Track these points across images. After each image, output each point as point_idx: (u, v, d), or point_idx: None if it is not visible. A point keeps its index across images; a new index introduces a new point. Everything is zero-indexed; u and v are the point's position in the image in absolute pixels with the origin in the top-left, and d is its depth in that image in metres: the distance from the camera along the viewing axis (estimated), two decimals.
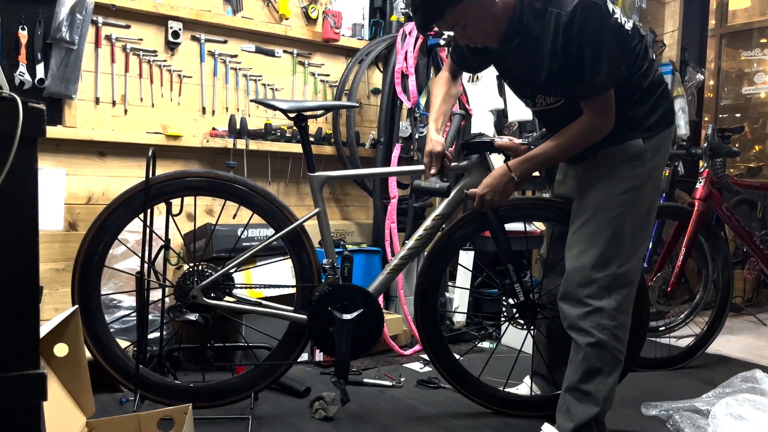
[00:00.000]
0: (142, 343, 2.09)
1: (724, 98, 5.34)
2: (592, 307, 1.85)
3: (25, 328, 0.91)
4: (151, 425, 1.64)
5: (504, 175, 1.87)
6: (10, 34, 2.45)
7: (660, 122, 1.87)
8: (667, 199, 3.40)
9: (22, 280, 0.90)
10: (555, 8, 1.68)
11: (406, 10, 3.30)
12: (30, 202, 0.90)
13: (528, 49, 1.76)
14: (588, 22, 1.67)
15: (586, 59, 1.69)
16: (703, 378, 2.76)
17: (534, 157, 1.86)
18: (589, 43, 1.68)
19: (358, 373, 2.60)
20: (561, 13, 1.67)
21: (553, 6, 1.69)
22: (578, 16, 1.66)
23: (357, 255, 2.95)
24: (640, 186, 1.85)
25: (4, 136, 0.86)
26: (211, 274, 2.07)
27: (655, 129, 1.86)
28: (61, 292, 2.58)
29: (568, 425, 1.90)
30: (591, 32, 1.68)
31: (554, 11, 1.68)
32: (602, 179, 1.86)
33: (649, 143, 1.85)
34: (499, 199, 1.91)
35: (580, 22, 1.66)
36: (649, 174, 1.86)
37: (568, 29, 1.67)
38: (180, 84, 2.88)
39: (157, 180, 2.05)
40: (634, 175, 1.84)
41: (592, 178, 1.88)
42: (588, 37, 1.68)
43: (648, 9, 4.31)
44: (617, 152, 1.84)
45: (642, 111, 1.85)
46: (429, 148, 1.95)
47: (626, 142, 1.83)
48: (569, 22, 1.66)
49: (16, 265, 0.89)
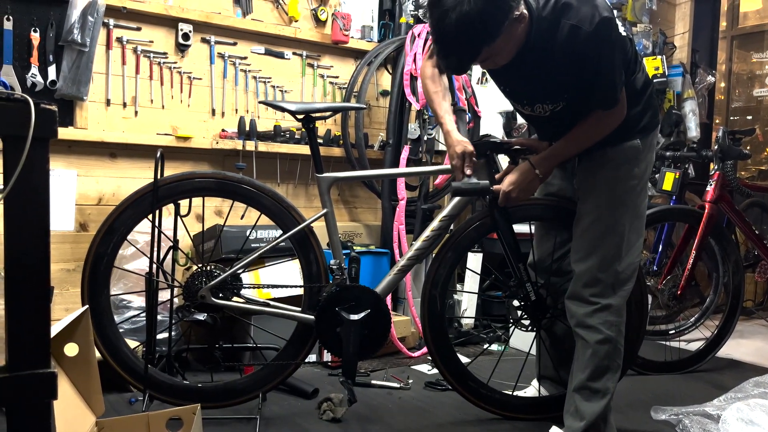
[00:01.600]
0: (151, 343, 2.10)
1: (735, 100, 5.31)
2: (600, 304, 1.89)
3: (36, 327, 0.92)
4: (160, 425, 1.64)
5: (529, 172, 1.90)
6: (23, 36, 2.47)
7: (651, 122, 1.94)
8: (678, 201, 3.37)
9: (33, 280, 0.91)
10: (570, 20, 1.66)
11: (415, 12, 3.31)
12: (42, 202, 0.91)
13: (536, 60, 1.75)
14: (608, 38, 1.68)
15: (606, 72, 1.72)
16: (714, 382, 2.74)
17: (555, 153, 1.89)
18: (608, 57, 1.70)
19: (365, 375, 2.60)
20: (580, 28, 1.65)
21: (566, 17, 1.67)
22: (601, 33, 1.65)
23: (365, 256, 2.95)
24: (637, 185, 1.91)
25: (16, 137, 0.87)
26: (219, 275, 2.07)
27: (648, 129, 1.92)
28: (72, 293, 2.60)
29: (578, 425, 1.91)
30: (609, 47, 1.69)
31: (569, 23, 1.66)
32: (605, 181, 1.90)
33: (644, 143, 1.91)
34: (524, 196, 1.94)
35: (602, 38, 1.66)
36: (643, 172, 1.93)
37: (587, 44, 1.67)
38: (190, 86, 2.90)
39: (166, 181, 2.06)
40: (632, 175, 1.90)
41: (595, 180, 1.91)
42: (607, 52, 1.70)
43: (658, 10, 4.30)
44: (618, 153, 1.88)
45: (636, 112, 1.89)
46: (460, 149, 1.93)
47: (624, 144, 1.88)
48: (590, 38, 1.65)
49: (27, 265, 0.90)
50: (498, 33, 1.62)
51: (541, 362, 2.28)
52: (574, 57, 1.70)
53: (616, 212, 1.89)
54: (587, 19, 1.65)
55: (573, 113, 1.84)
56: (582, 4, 1.67)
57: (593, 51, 1.68)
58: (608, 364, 1.91)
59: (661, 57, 3.93)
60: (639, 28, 4.02)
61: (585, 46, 1.67)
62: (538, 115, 1.91)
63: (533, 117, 1.96)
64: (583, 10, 1.66)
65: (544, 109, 1.87)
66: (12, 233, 0.89)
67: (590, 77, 1.73)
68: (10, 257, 0.89)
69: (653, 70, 3.88)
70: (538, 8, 1.70)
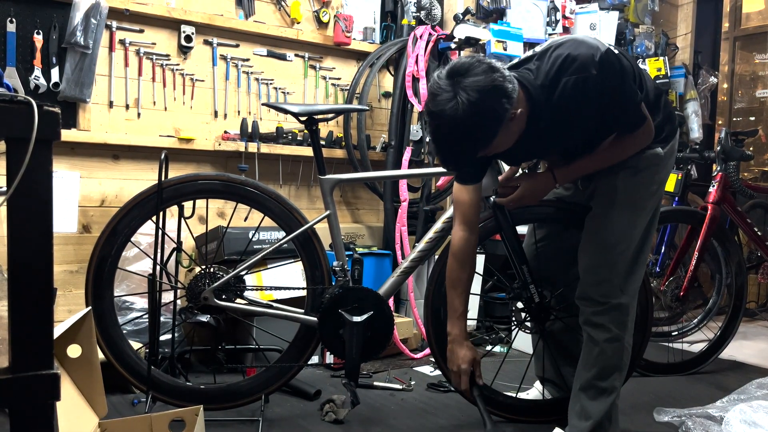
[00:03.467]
0: (154, 344, 2.10)
1: (738, 101, 5.30)
2: (609, 304, 1.89)
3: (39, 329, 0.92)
4: (163, 426, 1.65)
5: (549, 183, 1.90)
6: (26, 39, 2.48)
7: (672, 129, 1.92)
8: (680, 202, 3.37)
9: (36, 281, 0.91)
10: (573, 75, 1.62)
11: (417, 14, 3.31)
12: (45, 204, 0.91)
13: (544, 127, 1.72)
14: (615, 70, 1.64)
15: (623, 100, 1.69)
16: (716, 383, 2.74)
17: (579, 169, 1.87)
18: (620, 88, 1.67)
19: (368, 376, 2.61)
20: (587, 77, 1.61)
21: (567, 74, 1.63)
22: (607, 70, 1.62)
23: (367, 258, 2.96)
24: (657, 190, 1.92)
25: (19, 140, 0.87)
26: (222, 276, 2.08)
27: (670, 137, 1.91)
28: (75, 294, 2.60)
29: (583, 425, 1.90)
30: (619, 78, 1.65)
31: (573, 78, 1.62)
32: (624, 185, 1.87)
33: (666, 150, 1.90)
34: (534, 203, 1.97)
35: (610, 74, 1.63)
36: (663, 178, 1.93)
37: (597, 87, 1.63)
38: (192, 88, 2.90)
39: (170, 183, 2.07)
40: (653, 180, 1.89)
41: (615, 183, 1.88)
42: (618, 83, 1.65)
43: (661, 12, 4.29)
44: (639, 161, 1.86)
45: (658, 122, 1.86)
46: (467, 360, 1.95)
47: (647, 152, 1.86)
48: (599, 81, 1.62)
49: (30, 267, 0.90)
50: (493, 137, 1.61)
51: (544, 365, 2.28)
52: (586, 105, 1.66)
53: (633, 215, 1.88)
54: (590, 63, 1.61)
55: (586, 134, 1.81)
56: (577, 49, 1.63)
57: (609, 86, 1.64)
58: (616, 363, 1.91)
59: (663, 58, 3.93)
60: (641, 30, 4.02)
61: (596, 90, 1.64)
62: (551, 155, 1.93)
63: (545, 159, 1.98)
64: (582, 55, 1.62)
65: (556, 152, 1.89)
66: (15, 235, 0.89)
67: (607, 111, 1.70)
68: (13, 259, 0.89)
69: (655, 71, 3.88)
70: (534, 83, 1.66)
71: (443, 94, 1.56)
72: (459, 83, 1.55)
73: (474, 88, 1.53)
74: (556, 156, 1.94)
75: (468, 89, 1.53)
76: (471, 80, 1.54)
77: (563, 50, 1.65)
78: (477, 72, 1.55)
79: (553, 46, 1.69)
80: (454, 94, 1.54)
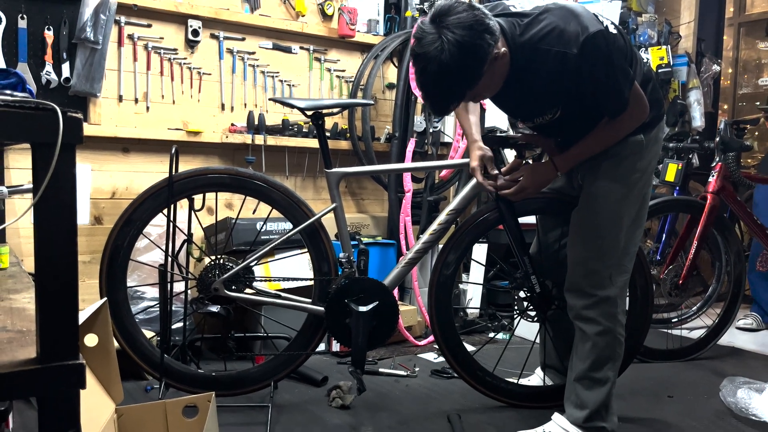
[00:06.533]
0: (166, 333, 2.16)
1: (744, 86, 5.28)
2: (597, 297, 1.92)
3: (65, 321, 0.97)
4: (177, 412, 1.70)
5: (551, 172, 1.93)
6: (37, 35, 2.53)
7: (657, 115, 1.93)
8: (681, 192, 3.40)
9: (62, 277, 0.96)
10: (554, 47, 1.66)
11: (421, 5, 3.33)
12: (69, 204, 0.95)
13: (524, 84, 1.78)
14: (599, 52, 1.66)
15: (606, 82, 1.71)
16: (715, 369, 2.79)
17: (577, 154, 1.90)
18: (603, 70, 1.69)
19: (373, 363, 2.66)
20: (566, 53, 1.65)
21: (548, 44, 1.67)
22: (590, 51, 1.65)
23: (372, 247, 3.00)
24: (639, 178, 1.92)
25: (45, 145, 0.92)
26: (232, 267, 2.13)
27: (652, 123, 1.92)
28: (87, 284, 2.66)
29: (579, 414, 1.95)
30: (603, 60, 1.68)
31: (554, 50, 1.66)
32: (607, 174, 1.90)
33: (648, 137, 1.91)
34: (536, 193, 2.01)
35: (593, 55, 1.65)
36: (647, 165, 1.93)
37: (578, 66, 1.66)
38: (200, 81, 2.95)
39: (181, 176, 2.11)
40: (635, 168, 1.90)
41: (596, 173, 1.92)
42: (601, 65, 1.68)
43: (664, 0, 4.29)
44: (621, 148, 1.88)
45: None
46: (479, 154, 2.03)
47: (629, 138, 1.88)
48: (579, 60, 1.65)
49: (57, 264, 0.95)
50: (478, 78, 1.66)
51: (546, 352, 2.33)
52: (566, 78, 1.70)
53: (617, 204, 1.89)
54: (572, 42, 1.65)
55: (577, 113, 1.84)
56: (567, 23, 1.66)
57: (587, 70, 1.68)
58: (609, 354, 1.94)
59: (666, 47, 3.94)
60: (644, 18, 4.02)
61: (576, 68, 1.67)
62: (539, 124, 1.94)
63: (535, 127, 2.00)
64: (568, 32, 1.65)
65: (543, 118, 1.90)
66: (42, 235, 0.94)
67: (589, 90, 1.74)
68: (40, 257, 0.94)
69: (658, 60, 3.89)
70: (514, 36, 1.71)
71: (428, 36, 1.62)
72: (442, 23, 1.61)
73: (457, 24, 1.59)
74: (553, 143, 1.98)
75: (452, 27, 1.60)
76: (453, 18, 1.61)
77: (554, 18, 1.69)
78: (459, 10, 1.62)
79: (548, 10, 1.72)
80: (439, 35, 1.60)
